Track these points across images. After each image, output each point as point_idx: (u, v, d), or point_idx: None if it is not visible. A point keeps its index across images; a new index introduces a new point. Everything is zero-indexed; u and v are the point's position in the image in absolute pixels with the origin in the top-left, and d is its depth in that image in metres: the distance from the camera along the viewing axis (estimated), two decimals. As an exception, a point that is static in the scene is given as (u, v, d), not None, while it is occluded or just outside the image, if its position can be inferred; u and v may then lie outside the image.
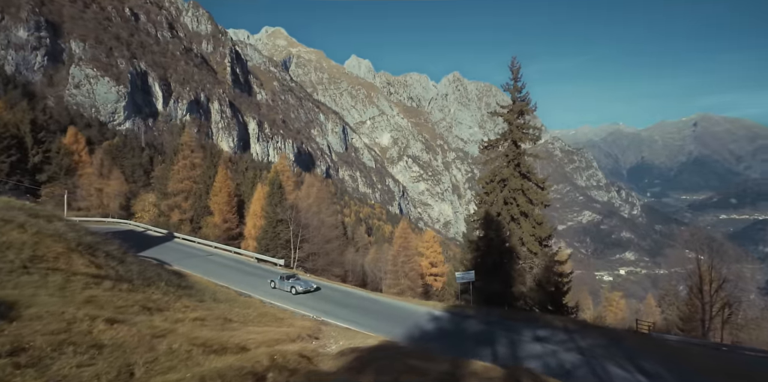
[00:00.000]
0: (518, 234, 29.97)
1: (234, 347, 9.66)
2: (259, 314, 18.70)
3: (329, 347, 14.31)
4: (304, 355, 9.67)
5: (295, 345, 12.43)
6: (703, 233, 48.10)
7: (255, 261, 34.57)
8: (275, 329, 15.05)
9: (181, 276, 22.39)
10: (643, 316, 75.93)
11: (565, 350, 19.50)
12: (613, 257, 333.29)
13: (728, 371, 19.79)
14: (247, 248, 39.47)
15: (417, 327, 21.46)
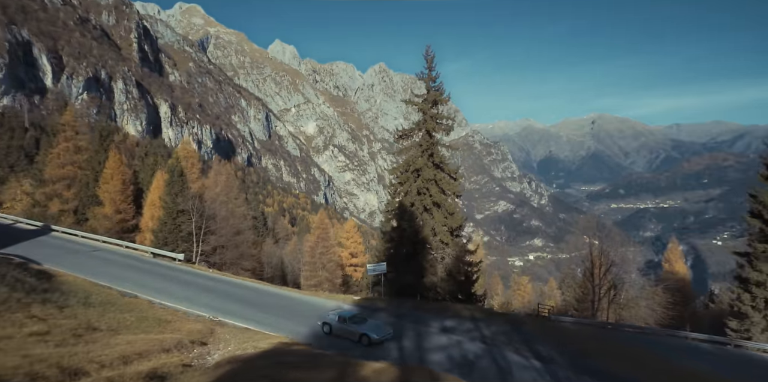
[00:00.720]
0: (431, 224, 30.06)
1: (67, 369, 7.82)
2: (138, 319, 16.43)
3: (212, 355, 12.73)
4: (159, 375, 8.11)
5: (166, 357, 10.71)
6: (596, 221, 52.59)
7: (150, 256, 31.14)
8: (150, 337, 13.10)
9: (44, 277, 19.07)
10: (546, 298, 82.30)
11: (470, 340, 19.70)
12: (524, 244, 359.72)
13: (609, 349, 21.33)
14: (143, 241, 35.55)
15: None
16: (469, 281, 30.40)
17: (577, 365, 17.55)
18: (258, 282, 31.40)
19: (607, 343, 22.69)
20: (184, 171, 35.38)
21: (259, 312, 21.60)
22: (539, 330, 22.86)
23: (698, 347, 26.08)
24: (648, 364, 19.22)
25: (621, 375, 16.84)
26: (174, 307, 20.93)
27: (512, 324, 23.50)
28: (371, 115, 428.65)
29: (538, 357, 18.19)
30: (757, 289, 27.42)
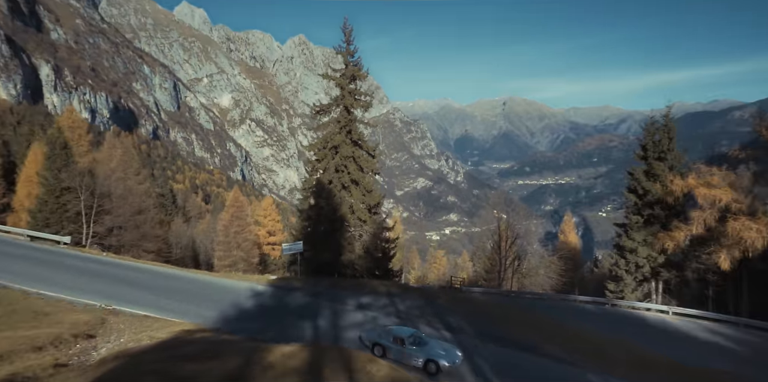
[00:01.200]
0: (349, 202, 29.83)
1: None
2: (6, 313, 14.25)
3: (99, 349, 11.41)
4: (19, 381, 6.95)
5: (35, 357, 9.32)
6: (504, 197, 56.31)
7: (27, 239, 27.21)
8: (19, 335, 11.37)
9: None
10: (459, 270, 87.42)
11: (386, 315, 20.09)
12: (441, 219, 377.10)
13: (512, 316, 23.16)
14: (17, 223, 30.89)
15: (234, 306, 19.49)
16: (387, 257, 30.97)
17: (484, 333, 18.75)
18: (163, 265, 29.08)
19: (510, 310, 24.61)
20: (69, 143, 30.98)
21: (162, 298, 19.98)
22: (451, 302, 24.08)
23: (584, 308, 29.37)
24: (544, 328, 21.19)
25: (522, 340, 18.33)
26: (56, 296, 18.52)
27: (426, 298, 24.45)
28: (291, 89, 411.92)
29: (448, 328, 19.12)
30: (630, 255, 31.38)
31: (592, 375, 15.39)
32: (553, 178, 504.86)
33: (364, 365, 10.52)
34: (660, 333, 24.25)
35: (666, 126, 31.52)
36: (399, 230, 74.73)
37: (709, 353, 21.05)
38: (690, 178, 27.64)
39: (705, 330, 24.79)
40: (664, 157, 31.05)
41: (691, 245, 28.69)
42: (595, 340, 20.14)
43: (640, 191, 31.65)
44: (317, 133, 32.78)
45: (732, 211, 25.36)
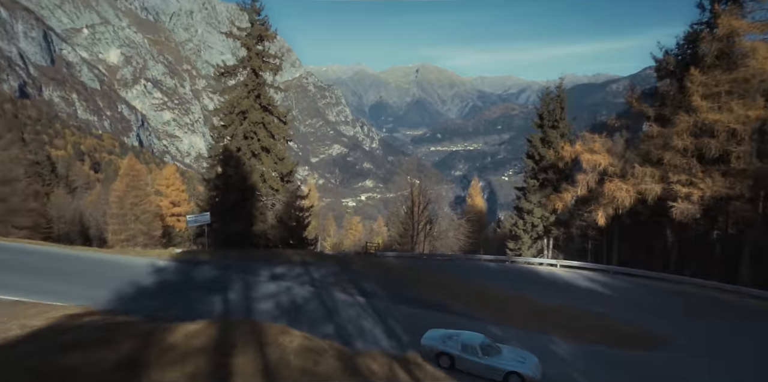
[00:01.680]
0: (260, 170, 28.45)
1: None
2: None
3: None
4: None
5: None
6: (417, 163, 57.88)
7: None
8: None
9: None
10: (375, 235, 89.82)
11: (300, 285, 19.95)
12: (357, 185, 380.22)
13: (422, 278, 24.43)
14: None
15: (132, 284, 17.85)
16: (301, 226, 30.49)
17: (396, 295, 19.54)
18: (41, 243, 25.61)
19: (421, 273, 25.89)
20: None
21: (40, 280, 17.63)
22: (365, 268, 24.63)
23: (488, 266, 31.94)
24: (452, 287, 22.68)
25: (431, 300, 19.45)
26: None
27: (341, 265, 24.70)
28: (192, 47, 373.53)
29: (363, 293, 19.59)
30: (527, 215, 34.57)
31: (492, 327, 16.91)
32: (463, 144, 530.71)
33: (276, 337, 10.32)
34: (550, 284, 27.32)
35: (559, 97, 34.19)
36: (314, 197, 73.86)
37: (588, 299, 24.20)
38: (577, 145, 30.64)
39: (585, 279, 28.43)
40: (557, 125, 33.88)
41: (576, 205, 32.24)
42: (497, 295, 22.09)
43: (536, 157, 34.46)
44: (223, 96, 30.27)
45: (608, 174, 28.78)
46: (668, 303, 23.18)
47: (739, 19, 23.73)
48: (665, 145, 25.61)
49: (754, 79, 22.52)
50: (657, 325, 19.23)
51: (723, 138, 23.03)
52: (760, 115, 22.08)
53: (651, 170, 26.11)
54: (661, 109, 26.99)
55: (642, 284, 26.74)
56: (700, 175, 23.92)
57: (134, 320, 12.46)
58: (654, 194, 25.55)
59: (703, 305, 22.86)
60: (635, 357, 15.58)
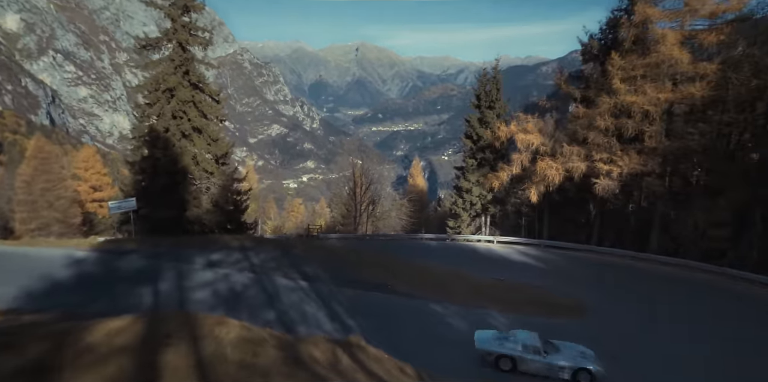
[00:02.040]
0: (192, 152, 26.71)
1: None
2: None
3: None
4: None
5: None
6: (359, 143, 57.40)
7: None
8: None
9: None
10: (317, 217, 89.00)
11: (239, 271, 19.27)
12: (298, 167, 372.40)
13: (365, 259, 24.48)
14: None
15: (44, 279, 16.20)
16: (239, 210, 29.32)
17: (339, 278, 19.50)
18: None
19: (363, 254, 25.98)
20: None
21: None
22: (307, 251, 24.29)
23: (429, 245, 32.82)
24: (394, 267, 23.01)
25: (373, 281, 19.63)
26: None
27: (282, 249, 24.16)
28: (110, 16, 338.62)
29: (305, 278, 19.33)
30: (466, 194, 35.77)
31: (433, 304, 17.45)
32: (404, 124, 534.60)
33: (212, 328, 9.79)
34: (487, 260, 28.65)
35: (495, 78, 35.11)
36: (253, 179, 71.43)
37: (523, 272, 25.67)
38: (512, 125, 31.85)
39: (520, 253, 30.12)
40: (493, 106, 34.90)
41: (511, 184, 33.77)
42: (437, 273, 22.76)
43: (474, 137, 35.43)
44: (147, 72, 27.80)
45: (540, 153, 30.31)
46: (594, 273, 25.23)
47: (652, 7, 25.45)
48: (590, 125, 27.31)
49: (664, 64, 24.43)
50: (586, 294, 20.87)
51: (638, 119, 24.96)
52: (668, 98, 24.10)
53: (577, 149, 27.82)
54: (586, 91, 28.64)
55: (570, 256, 28.85)
56: (619, 153, 25.88)
57: (46, 318, 11.30)
58: (580, 172, 27.35)
59: (622, 273, 25.11)
60: (569, 325, 16.81)
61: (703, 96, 22.58)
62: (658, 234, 27.05)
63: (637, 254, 26.86)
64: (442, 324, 15.80)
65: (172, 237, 23.80)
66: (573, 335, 15.88)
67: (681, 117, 25.36)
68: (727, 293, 21.39)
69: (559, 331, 16.10)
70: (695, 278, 23.43)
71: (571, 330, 16.21)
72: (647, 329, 16.88)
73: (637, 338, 15.95)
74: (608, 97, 25.79)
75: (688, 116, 25.23)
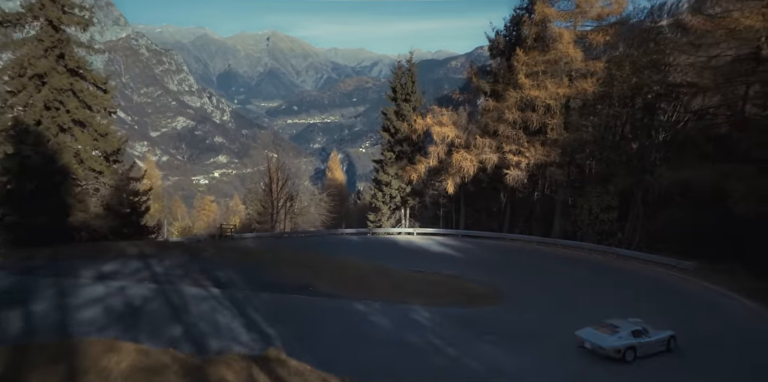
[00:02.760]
0: (74, 150, 23.19)
1: None
2: None
3: None
4: None
5: None
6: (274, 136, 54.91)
7: None
8: None
9: None
10: (232, 215, 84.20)
11: (137, 283, 17.09)
12: (208, 161, 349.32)
13: (284, 258, 23.23)
14: None
15: None
16: (137, 213, 26.27)
17: (255, 281, 18.19)
18: None
19: (281, 253, 24.68)
20: None
21: None
22: (219, 254, 22.42)
23: (350, 240, 32.29)
24: (314, 265, 22.12)
25: (293, 282, 18.60)
26: None
27: (191, 253, 22.05)
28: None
29: (217, 284, 17.73)
30: (386, 187, 35.81)
31: (356, 303, 16.96)
32: (320, 117, 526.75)
33: (98, 358, 8.34)
34: (408, 252, 28.87)
35: (410, 71, 35.34)
36: (155, 176, 65.29)
37: (442, 263, 26.20)
38: (428, 118, 32.31)
39: (438, 244, 30.81)
40: (409, 98, 35.14)
41: (429, 176, 34.41)
42: (359, 269, 22.30)
43: (392, 130, 35.45)
44: (5, 53, 23.48)
45: (456, 145, 31.16)
46: (506, 259, 26.58)
47: (550, 7, 27.22)
48: (499, 118, 28.60)
49: (561, 61, 26.29)
50: (501, 281, 21.80)
51: (541, 112, 26.64)
52: (566, 93, 26.01)
53: (489, 141, 29.03)
54: (495, 85, 29.94)
55: (485, 244, 30.19)
56: (526, 145, 27.46)
57: None
58: (492, 163, 28.59)
59: (530, 258, 26.77)
60: (484, 313, 17.31)
61: (594, 91, 24.76)
62: (560, 219, 29.35)
63: (542, 239, 28.90)
64: (365, 323, 15.37)
65: (51, 248, 20.45)
66: (492, 321, 16.46)
67: (576, 111, 27.66)
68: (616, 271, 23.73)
69: (478, 318, 16.59)
70: (591, 259, 25.74)
71: (489, 317, 16.79)
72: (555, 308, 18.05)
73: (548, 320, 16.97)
74: (515, 92, 27.16)
75: (582, 110, 27.60)
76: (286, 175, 38.77)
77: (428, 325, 15.38)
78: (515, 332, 15.18)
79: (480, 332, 14.86)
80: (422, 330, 14.80)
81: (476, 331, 14.99)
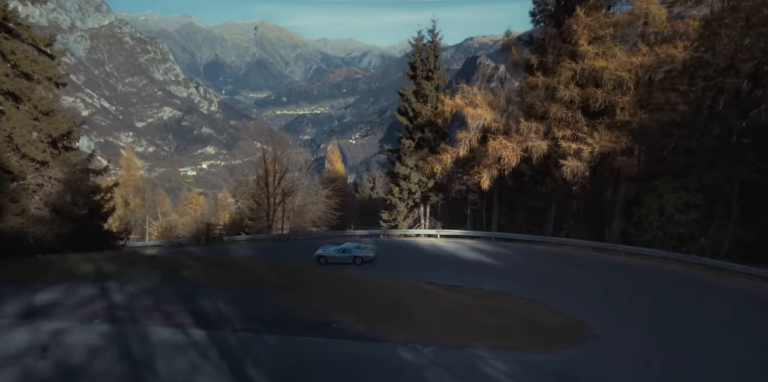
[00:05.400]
0: (3, 132, 17.39)
1: None
2: None
3: None
4: None
5: None
6: (267, 126, 48.96)
7: None
8: None
9: None
10: (221, 210, 78.22)
11: (83, 322, 11.61)
12: (196, 153, 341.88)
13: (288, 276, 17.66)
14: None
15: None
16: (98, 215, 20.55)
17: (254, 315, 12.77)
18: None
19: (285, 266, 19.05)
20: None
21: None
22: (203, 271, 16.82)
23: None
24: (331, 283, 16.79)
25: (308, 314, 13.20)
26: None
27: (165, 270, 16.48)
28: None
29: (200, 321, 12.30)
30: (404, 182, 30.40)
31: (401, 349, 11.72)
32: (309, 108, 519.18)
33: None
34: (437, 260, 23.78)
35: (432, 42, 29.82)
36: (134, 168, 59.03)
37: (480, 273, 21.17)
38: (457, 98, 26.87)
39: (470, 249, 25.66)
40: (431, 76, 29.63)
41: (455, 167, 29.13)
42: (390, 289, 16.99)
43: (410, 113, 29.95)
44: None
45: (492, 131, 25.83)
46: (563, 270, 21.53)
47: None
48: (550, 96, 23.32)
49: (637, 21, 20.97)
50: (570, 303, 16.74)
51: (609, 87, 21.36)
52: (643, 62, 20.72)
53: (536, 125, 23.76)
54: (543, 57, 24.51)
55: (527, 250, 25.06)
56: (586, 129, 22.22)
57: None
58: (540, 152, 23.37)
59: (594, 268, 21.71)
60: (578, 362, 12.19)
61: (685, 59, 19.42)
62: (620, 220, 24.33)
63: (598, 244, 23.89)
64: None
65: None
66: (595, 378, 11.38)
67: (656, 85, 22.04)
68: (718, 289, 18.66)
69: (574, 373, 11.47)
70: (673, 272, 20.66)
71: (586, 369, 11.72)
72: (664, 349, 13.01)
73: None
74: (572, 63, 21.85)
75: (663, 83, 21.86)
76: (284, 169, 33.20)
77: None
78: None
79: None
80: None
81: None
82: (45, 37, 18.84)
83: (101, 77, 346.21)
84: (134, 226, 51.09)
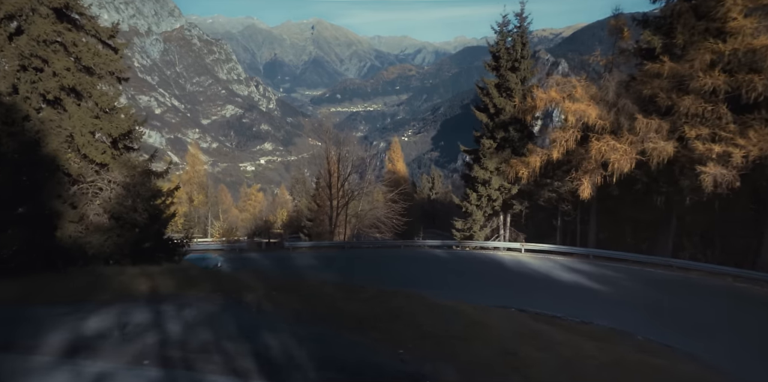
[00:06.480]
0: (65, 131, 16.06)
1: None
2: None
3: None
4: None
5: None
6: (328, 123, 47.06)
7: None
8: None
9: None
10: (279, 207, 78.43)
11: (130, 366, 9.50)
12: (255, 149, 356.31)
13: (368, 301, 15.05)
14: None
15: None
16: (159, 221, 19.02)
17: (330, 362, 10.09)
18: None
19: (363, 292, 16.31)
20: None
21: None
22: (270, 296, 14.50)
23: (439, 257, 23.99)
24: (418, 317, 13.80)
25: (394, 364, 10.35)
26: None
27: (227, 295, 14.34)
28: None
29: (267, 366, 9.81)
30: (482, 187, 26.99)
31: None
32: (363, 105, 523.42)
33: None
34: (527, 281, 20.29)
35: (520, 28, 26.04)
36: (199, 163, 59.80)
37: (582, 301, 17.49)
38: (551, 91, 22.99)
39: (565, 269, 21.92)
40: (517, 67, 25.94)
41: (544, 172, 25.27)
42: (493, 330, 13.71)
43: (492, 110, 26.44)
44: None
45: (595, 129, 21.76)
46: (698, 306, 17.27)
47: None
48: (677, 87, 18.92)
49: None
50: (729, 357, 12.73)
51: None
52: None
53: (658, 123, 19.44)
54: (670, 38, 20.06)
55: (638, 274, 20.91)
56: (731, 127, 17.67)
57: None
58: (664, 156, 19.05)
59: (746, 305, 17.27)
60: None
61: None
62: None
63: (740, 272, 19.18)
64: None
65: (18, 280, 13.37)
66: None
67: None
68: None
69: None
70: None
71: None
72: None
73: None
74: (717, 43, 17.35)
75: None
76: (348, 171, 30.83)
77: None
78: None
79: None
80: None
81: None
82: (108, 27, 17.36)
83: (172, 77, 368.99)
84: (197, 223, 51.39)
